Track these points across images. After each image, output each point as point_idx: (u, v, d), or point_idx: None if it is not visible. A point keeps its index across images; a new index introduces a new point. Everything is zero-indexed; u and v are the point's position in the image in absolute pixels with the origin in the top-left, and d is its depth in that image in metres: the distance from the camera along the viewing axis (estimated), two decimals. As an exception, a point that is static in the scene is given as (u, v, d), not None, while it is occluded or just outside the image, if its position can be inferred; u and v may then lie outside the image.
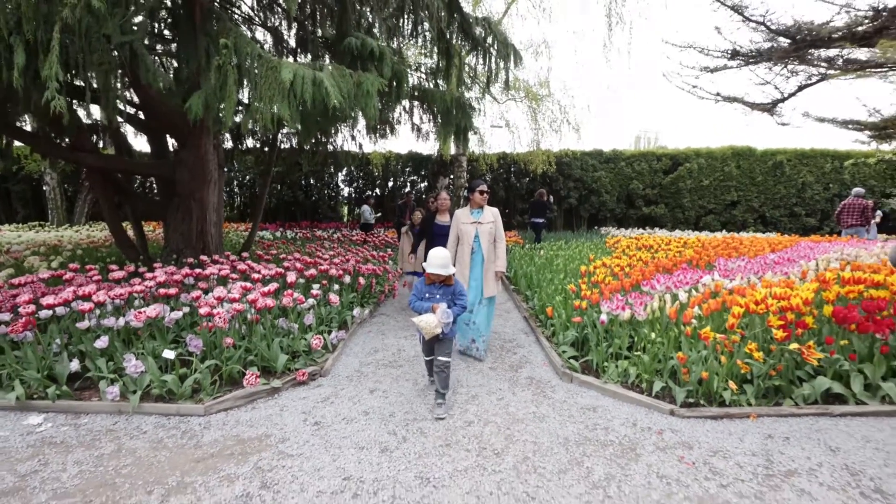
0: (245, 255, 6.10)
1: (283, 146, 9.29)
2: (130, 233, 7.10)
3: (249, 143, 10.49)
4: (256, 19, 8.08)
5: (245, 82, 3.87)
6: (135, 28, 3.88)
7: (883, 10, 4.51)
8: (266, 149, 10.24)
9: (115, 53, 3.64)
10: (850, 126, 7.90)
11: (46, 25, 3.07)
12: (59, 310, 3.70)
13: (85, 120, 6.13)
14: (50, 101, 2.96)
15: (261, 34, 8.75)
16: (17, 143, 7.77)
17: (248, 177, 16.37)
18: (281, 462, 2.67)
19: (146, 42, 4.09)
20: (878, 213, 11.53)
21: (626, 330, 3.91)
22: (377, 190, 17.13)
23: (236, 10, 7.77)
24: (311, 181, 16.65)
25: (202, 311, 3.50)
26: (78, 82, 4.46)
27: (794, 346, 3.18)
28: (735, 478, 2.52)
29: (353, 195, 17.30)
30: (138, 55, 3.73)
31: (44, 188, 14.80)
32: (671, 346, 3.63)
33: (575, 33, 25.29)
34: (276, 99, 3.48)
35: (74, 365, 3.49)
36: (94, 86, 3.88)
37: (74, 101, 5.08)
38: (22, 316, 3.38)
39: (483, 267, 4.36)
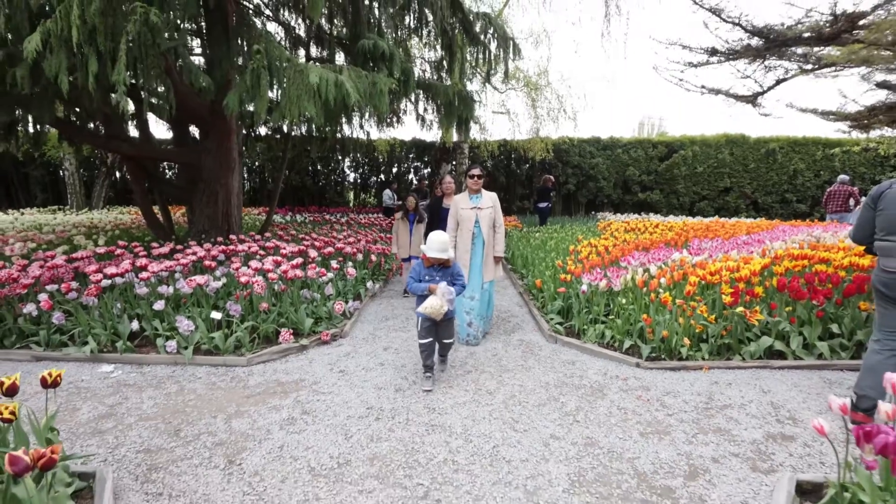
0: (268, 234, 6.71)
1: (294, 134, 9.82)
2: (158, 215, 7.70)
3: (262, 131, 11.04)
4: (267, 11, 8.56)
5: (274, 83, 4.44)
6: (176, 35, 4.44)
7: (841, 15, 5.01)
8: (278, 136, 10.80)
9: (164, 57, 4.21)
10: (830, 117, 8.39)
11: (114, 37, 3.64)
12: (117, 279, 4.34)
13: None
14: (118, 102, 3.54)
15: (272, 26, 9.23)
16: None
17: (256, 163, 16.91)
18: (315, 397, 3.32)
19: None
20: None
21: (604, 298, 4.54)
22: (382, 176, 17.65)
23: (246, 2, 8.25)
24: (318, 167, 17.19)
25: (242, 279, 4.13)
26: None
27: (740, 309, 3.80)
28: (680, 409, 3.16)
29: (359, 181, 17.85)
30: (182, 58, 4.30)
31: (63, 173, 15.38)
32: (640, 311, 4.25)
33: (574, 24, 25.55)
34: (304, 98, 4.05)
35: (134, 325, 4.14)
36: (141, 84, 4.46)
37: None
38: (92, 283, 4.01)
39: (484, 252, 4.40)
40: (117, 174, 16.82)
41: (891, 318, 2.85)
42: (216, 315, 3.99)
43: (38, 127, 7.02)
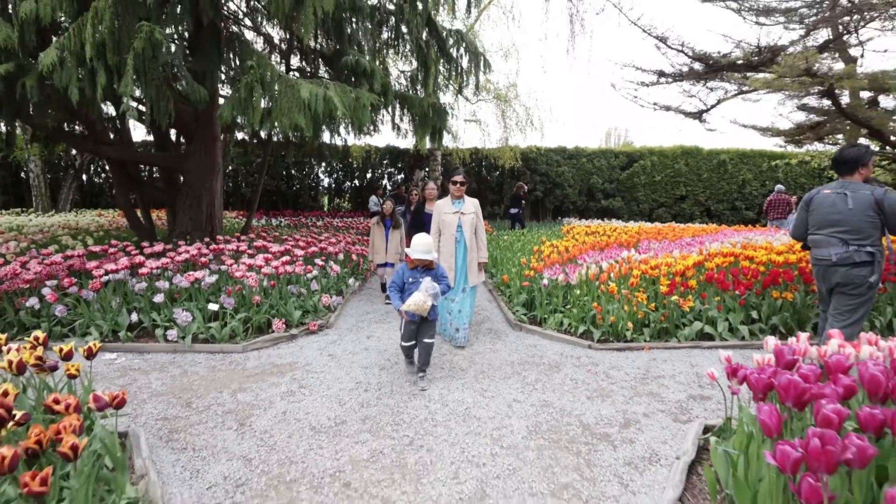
0: (252, 235, 7.05)
1: (273, 140, 10.12)
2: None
3: (238, 136, 11.27)
4: (247, 21, 8.89)
5: (265, 95, 4.86)
6: (173, 50, 4.81)
7: (764, 47, 5.85)
8: (255, 141, 11.07)
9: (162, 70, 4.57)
10: (767, 133, 9.37)
11: (120, 52, 4.00)
12: (116, 275, 4.64)
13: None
14: (126, 111, 3.90)
15: (250, 34, 9.54)
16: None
17: (230, 167, 16.97)
18: (309, 375, 3.76)
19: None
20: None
21: (562, 291, 5.15)
22: (356, 181, 18.01)
23: (225, 8, 8.55)
24: (293, 171, 17.40)
25: (237, 274, 4.52)
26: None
27: (674, 297, 4.46)
28: (621, 380, 3.76)
29: (333, 186, 18.14)
30: (178, 71, 4.67)
31: (29, 175, 15.05)
32: (592, 301, 4.87)
33: (541, 41, 26.70)
34: (294, 111, 4.49)
35: (133, 317, 4.46)
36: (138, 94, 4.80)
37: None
38: (95, 278, 4.31)
39: (467, 256, 4.46)
40: (84, 177, 16.57)
41: (822, 300, 3.70)
42: (213, 306, 4.37)
43: (9, 128, 7.14)
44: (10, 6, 3.80)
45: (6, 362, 1.97)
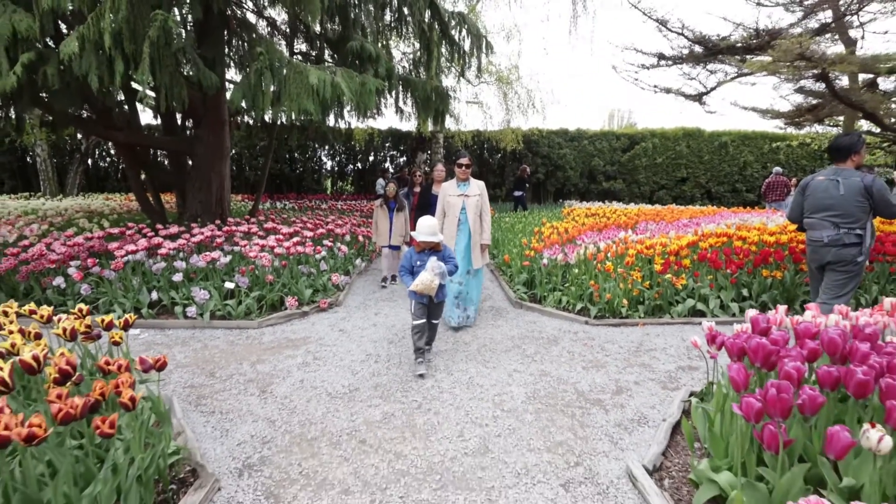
0: (261, 218, 7.26)
1: (278, 123, 10.25)
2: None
3: (242, 120, 11.38)
4: (249, 3, 8.93)
5: (274, 81, 5.00)
6: (184, 37, 4.94)
7: (763, 30, 5.93)
8: (259, 125, 11.19)
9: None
10: (767, 115, 9.44)
11: (135, 40, 4.15)
12: (136, 255, 4.87)
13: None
14: (142, 98, 4.06)
15: (252, 17, 9.58)
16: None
17: (234, 151, 17.07)
18: (322, 348, 4.01)
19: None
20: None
21: (561, 270, 5.36)
22: (359, 164, 18.12)
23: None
24: (296, 155, 17.50)
25: (251, 255, 4.74)
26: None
27: (667, 275, 4.68)
28: (615, 352, 4.00)
29: (336, 168, 18.26)
30: (189, 57, 4.82)
31: (35, 159, 15.20)
32: (590, 279, 5.09)
33: (543, 22, 26.39)
34: (303, 96, 4.65)
35: (154, 295, 4.70)
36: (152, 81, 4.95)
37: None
38: (118, 258, 4.54)
39: (470, 239, 4.47)
40: (90, 161, 16.71)
41: (813, 278, 3.96)
42: (230, 285, 4.60)
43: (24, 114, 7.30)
44: (31, -4, 3.93)
45: (61, 330, 2.21)
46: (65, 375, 1.76)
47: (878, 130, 8.37)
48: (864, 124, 9.43)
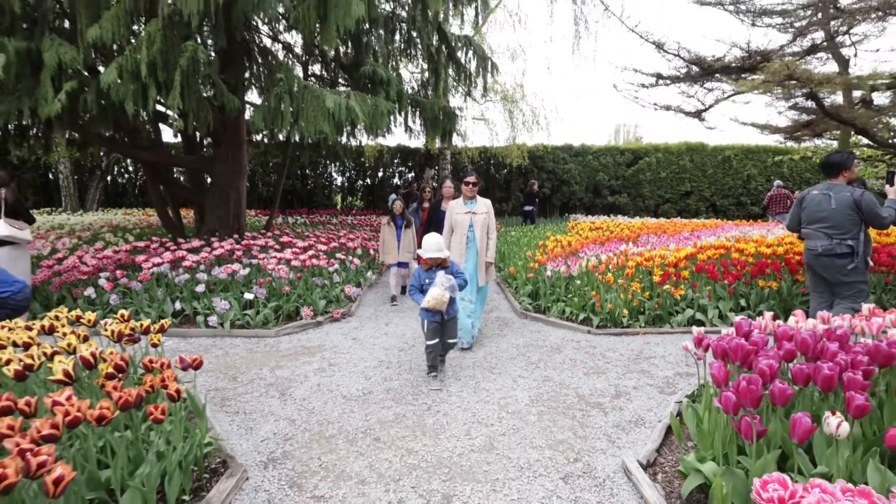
0: (276, 232, 7.56)
1: (293, 141, 10.64)
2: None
3: (257, 138, 11.81)
4: (265, 28, 9.38)
5: (292, 105, 5.33)
6: (210, 64, 5.30)
7: (754, 51, 6.21)
8: (274, 143, 11.59)
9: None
10: (766, 130, 9.66)
11: (167, 69, 4.50)
12: (161, 268, 5.17)
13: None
14: (174, 122, 4.39)
15: (268, 40, 10.04)
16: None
17: (248, 167, 17.57)
18: (337, 355, 4.24)
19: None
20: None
21: (564, 282, 5.57)
22: (368, 180, 18.52)
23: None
24: (307, 171, 17.95)
25: (269, 266, 5.01)
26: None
27: (666, 286, 4.87)
28: (616, 359, 4.18)
29: (346, 184, 18.68)
30: (214, 83, 5.17)
31: (58, 176, 15.76)
32: (591, 290, 5.29)
33: (546, 43, 27.05)
34: (320, 118, 4.96)
35: (178, 305, 4.98)
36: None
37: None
38: (145, 269, 4.84)
39: (478, 257, 4.50)
40: (109, 178, 17.27)
41: (812, 285, 4.23)
42: (249, 295, 4.87)
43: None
44: (77, 29, 4.30)
45: (109, 332, 2.47)
46: (119, 370, 2.01)
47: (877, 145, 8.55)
48: (864, 139, 9.62)
